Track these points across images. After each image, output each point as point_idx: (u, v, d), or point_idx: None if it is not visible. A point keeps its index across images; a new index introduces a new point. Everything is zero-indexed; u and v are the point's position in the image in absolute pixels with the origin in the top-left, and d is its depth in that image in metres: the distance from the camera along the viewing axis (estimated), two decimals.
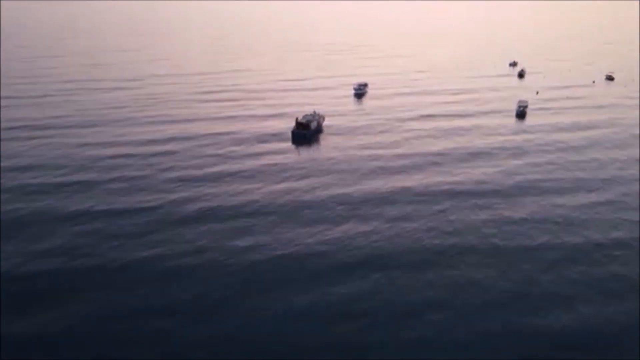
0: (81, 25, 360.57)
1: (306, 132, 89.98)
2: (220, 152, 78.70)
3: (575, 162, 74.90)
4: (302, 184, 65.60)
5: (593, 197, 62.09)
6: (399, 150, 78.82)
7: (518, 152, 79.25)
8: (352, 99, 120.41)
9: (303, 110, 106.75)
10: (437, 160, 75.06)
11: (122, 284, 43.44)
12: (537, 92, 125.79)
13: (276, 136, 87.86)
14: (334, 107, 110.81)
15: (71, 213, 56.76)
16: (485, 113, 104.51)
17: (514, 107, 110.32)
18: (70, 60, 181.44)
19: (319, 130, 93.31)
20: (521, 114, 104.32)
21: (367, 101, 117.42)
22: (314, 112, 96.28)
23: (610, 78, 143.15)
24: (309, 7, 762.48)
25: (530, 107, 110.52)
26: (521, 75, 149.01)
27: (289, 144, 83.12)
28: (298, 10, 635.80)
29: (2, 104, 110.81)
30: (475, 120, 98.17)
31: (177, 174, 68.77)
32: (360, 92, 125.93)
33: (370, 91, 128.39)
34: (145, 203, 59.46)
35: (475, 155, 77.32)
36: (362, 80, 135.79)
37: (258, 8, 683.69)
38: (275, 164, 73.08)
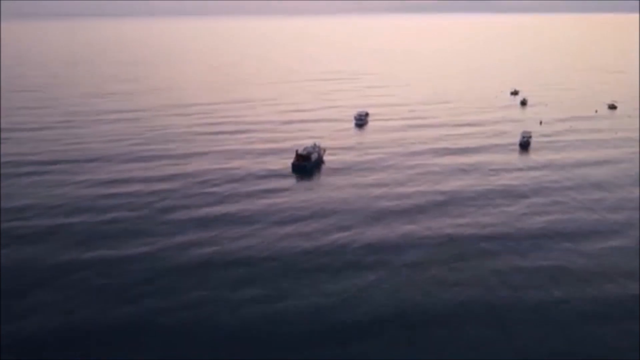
0: (80, 48, 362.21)
1: (306, 164, 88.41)
2: (218, 189, 76.71)
3: (586, 202, 72.76)
4: (303, 227, 63.36)
5: (611, 242, 59.72)
6: (402, 190, 76.59)
7: (524, 190, 77.15)
8: (353, 129, 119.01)
9: (303, 142, 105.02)
10: (441, 199, 72.94)
11: (114, 346, 41.03)
12: (541, 122, 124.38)
13: (275, 171, 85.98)
14: (334, 138, 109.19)
15: (61, 263, 54.50)
16: (489, 145, 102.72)
17: (517, 138, 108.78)
18: (70, 89, 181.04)
19: (319, 162, 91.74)
20: (525, 145, 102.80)
21: (368, 131, 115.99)
22: (314, 144, 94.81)
23: (612, 107, 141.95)
24: (303, 28, 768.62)
25: (534, 137, 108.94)
26: (523, 103, 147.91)
27: (289, 180, 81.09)
28: (295, 34, 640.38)
29: (1, 137, 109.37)
30: (479, 155, 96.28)
31: (174, 216, 66.58)
32: (361, 122, 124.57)
33: (371, 121, 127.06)
34: (140, 249, 57.21)
35: (481, 195, 75.13)
36: (362, 110, 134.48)
37: (251, 25, 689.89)
38: (275, 204, 70.95)
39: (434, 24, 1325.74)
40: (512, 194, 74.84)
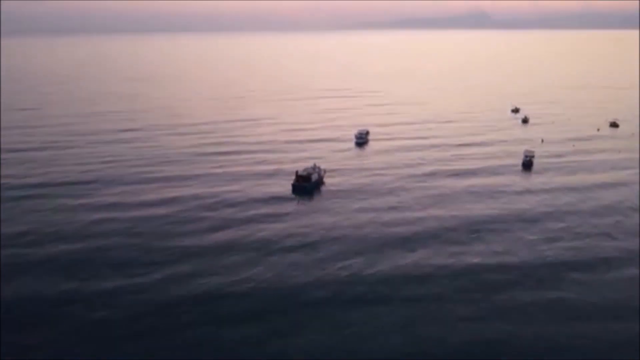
0: (80, 64, 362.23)
1: (307, 185, 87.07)
2: (216, 214, 74.95)
3: (593, 228, 71.18)
4: (305, 255, 61.35)
5: (628, 274, 58.02)
6: (404, 214, 74.80)
7: (531, 215, 75.54)
8: (354, 148, 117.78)
9: (303, 161, 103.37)
10: (447, 225, 71.18)
11: None
12: (542, 140, 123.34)
13: (275, 192, 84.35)
14: (334, 157, 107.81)
15: (51, 298, 52.70)
16: (492, 165, 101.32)
17: (520, 157, 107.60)
18: (69, 107, 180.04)
19: (320, 182, 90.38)
20: (528, 165, 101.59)
21: (368, 150, 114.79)
22: (314, 165, 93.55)
23: (614, 125, 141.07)
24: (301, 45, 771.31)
25: (536, 157, 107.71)
26: (525, 121, 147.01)
27: (289, 203, 79.44)
28: (295, 51, 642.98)
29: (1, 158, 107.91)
30: (481, 176, 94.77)
31: (170, 244, 64.63)
32: (361, 141, 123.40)
33: (371, 139, 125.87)
34: (133, 280, 55.24)
35: (486, 220, 73.43)
36: (363, 128, 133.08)
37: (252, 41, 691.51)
38: (276, 229, 69.15)
39: (429, 39, 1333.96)
40: (518, 219, 73.10)
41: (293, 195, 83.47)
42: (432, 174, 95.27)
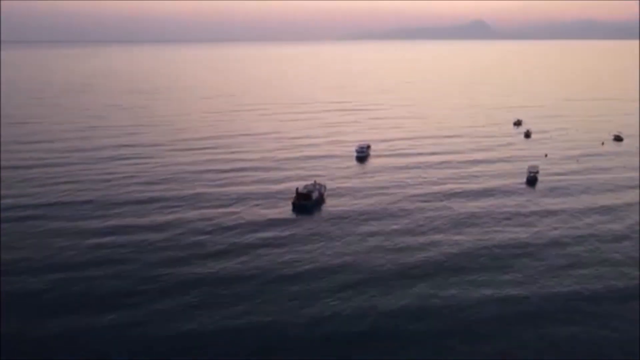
0: (82, 76, 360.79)
1: (307, 203, 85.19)
2: (213, 238, 72.66)
3: (609, 254, 69.18)
4: (308, 286, 58.95)
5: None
6: (410, 240, 72.43)
7: (540, 239, 73.53)
8: (354, 162, 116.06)
9: (302, 176, 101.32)
10: (453, 251, 69.20)
11: None
12: (546, 155, 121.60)
13: (275, 212, 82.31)
14: (335, 173, 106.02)
15: (39, 336, 50.63)
16: (496, 181, 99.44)
17: (524, 173, 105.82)
18: (68, 121, 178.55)
19: (320, 200, 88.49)
20: (532, 181, 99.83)
21: (369, 165, 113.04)
22: (315, 182, 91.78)
23: (618, 138, 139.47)
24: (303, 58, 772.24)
25: (540, 172, 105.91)
26: (527, 135, 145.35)
27: (289, 224, 77.35)
28: (296, 62, 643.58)
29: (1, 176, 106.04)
30: (486, 193, 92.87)
31: (168, 271, 62.41)
32: (362, 155, 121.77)
33: (372, 153, 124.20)
34: (119, 313, 53.05)
35: (494, 245, 71.27)
36: (363, 142, 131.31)
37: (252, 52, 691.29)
38: (276, 254, 66.98)
39: (428, 51, 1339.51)
40: (524, 244, 71.08)
41: (293, 215, 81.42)
42: (433, 192, 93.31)
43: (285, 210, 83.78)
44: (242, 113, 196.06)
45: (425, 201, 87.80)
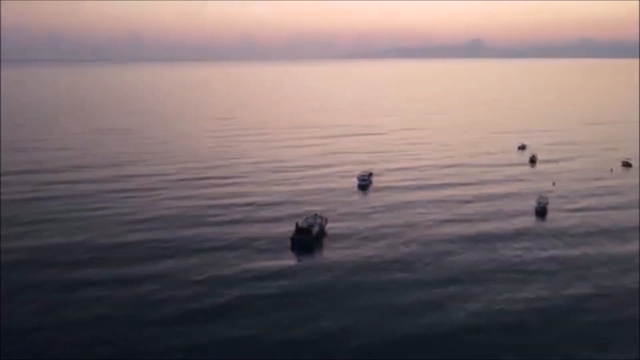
0: (77, 96, 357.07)
1: (308, 239, 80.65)
2: (205, 277, 68.09)
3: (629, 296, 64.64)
4: (312, 335, 54.54)
5: None
6: (415, 276, 68.18)
7: (556, 281, 69.07)
8: (356, 191, 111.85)
9: (299, 201, 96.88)
10: (465, 294, 64.71)
11: None
12: (554, 183, 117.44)
13: (272, 249, 77.66)
14: (336, 203, 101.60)
15: None
16: (503, 212, 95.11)
17: (532, 202, 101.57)
18: (63, 147, 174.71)
19: (321, 234, 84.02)
20: (542, 212, 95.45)
21: (372, 195, 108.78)
22: (315, 215, 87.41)
23: (627, 164, 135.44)
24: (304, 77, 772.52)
25: (549, 202, 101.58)
26: (533, 161, 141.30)
27: (288, 262, 72.69)
28: (296, 82, 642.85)
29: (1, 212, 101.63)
30: (494, 226, 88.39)
31: (159, 313, 57.96)
32: (364, 184, 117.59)
33: (375, 182, 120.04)
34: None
35: (507, 288, 66.96)
36: (365, 170, 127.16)
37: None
38: (274, 298, 62.37)
39: (426, 70, 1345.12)
40: (541, 287, 66.52)
41: (292, 259, 75.74)
42: (440, 224, 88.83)
43: (283, 247, 78.98)
44: (235, 138, 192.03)
45: (431, 234, 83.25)
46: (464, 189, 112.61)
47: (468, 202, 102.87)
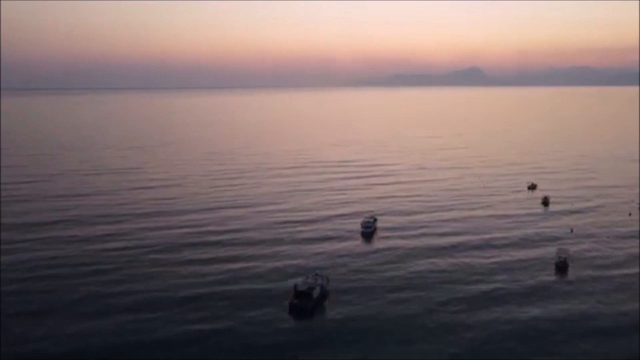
0: (75, 127, 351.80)
1: (307, 303, 72.82)
2: (190, 350, 60.44)
3: None
4: None
5: None
6: (425, 347, 60.58)
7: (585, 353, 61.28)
8: (360, 240, 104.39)
9: (296, 254, 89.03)
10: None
11: None
12: (572, 230, 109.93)
13: (268, 313, 69.90)
14: (338, 256, 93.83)
15: None
16: (520, 265, 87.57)
17: (548, 253, 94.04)
18: (61, 181, 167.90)
19: (323, 296, 76.25)
20: (562, 267, 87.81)
21: (377, 244, 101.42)
22: (316, 274, 79.83)
23: None
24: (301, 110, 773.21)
25: (570, 254, 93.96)
26: (545, 203, 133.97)
27: (284, 336, 64.82)
28: (291, 112, 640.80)
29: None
30: (510, 282, 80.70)
31: None
32: (369, 231, 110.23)
33: (379, 228, 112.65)
34: None
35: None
36: (369, 216, 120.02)
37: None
38: None
39: (425, 98, 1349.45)
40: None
41: (290, 318, 68.77)
42: (450, 280, 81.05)
43: (279, 312, 71.14)
44: (225, 180, 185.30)
45: (441, 300, 75.33)
46: (475, 237, 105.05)
47: (481, 251, 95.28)
